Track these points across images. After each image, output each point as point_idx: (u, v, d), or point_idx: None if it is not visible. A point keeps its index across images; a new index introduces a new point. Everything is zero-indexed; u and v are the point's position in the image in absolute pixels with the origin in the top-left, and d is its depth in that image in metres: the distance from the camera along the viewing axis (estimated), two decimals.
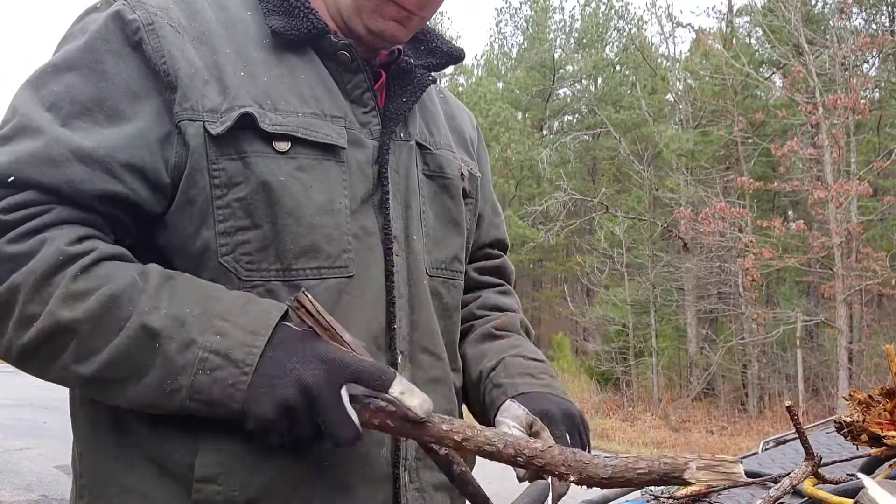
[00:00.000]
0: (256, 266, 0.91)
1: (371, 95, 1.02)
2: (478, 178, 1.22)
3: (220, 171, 0.90)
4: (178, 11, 0.95)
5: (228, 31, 0.97)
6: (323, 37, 0.98)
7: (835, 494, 1.05)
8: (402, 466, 0.97)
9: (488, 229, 1.31)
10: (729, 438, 14.13)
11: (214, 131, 0.89)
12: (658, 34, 29.03)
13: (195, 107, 0.90)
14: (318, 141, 0.94)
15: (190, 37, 0.93)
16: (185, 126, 0.89)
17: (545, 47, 26.94)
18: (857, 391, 1.17)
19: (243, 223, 0.91)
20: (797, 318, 14.71)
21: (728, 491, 1.24)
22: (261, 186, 0.91)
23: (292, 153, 0.93)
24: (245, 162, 0.91)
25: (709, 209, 14.56)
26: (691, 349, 17.92)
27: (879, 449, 1.14)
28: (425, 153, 1.10)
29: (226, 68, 0.93)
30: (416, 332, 1.03)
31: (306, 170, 0.94)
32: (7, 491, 6.34)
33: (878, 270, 12.84)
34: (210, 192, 0.90)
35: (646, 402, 17.60)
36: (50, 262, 0.81)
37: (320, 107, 0.97)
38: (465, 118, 1.29)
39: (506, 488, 5.07)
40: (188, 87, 0.90)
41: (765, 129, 17.26)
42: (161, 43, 0.90)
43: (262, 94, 0.93)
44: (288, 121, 0.93)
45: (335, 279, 0.94)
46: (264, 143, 0.91)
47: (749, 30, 20.66)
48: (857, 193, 13.28)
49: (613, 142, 20.32)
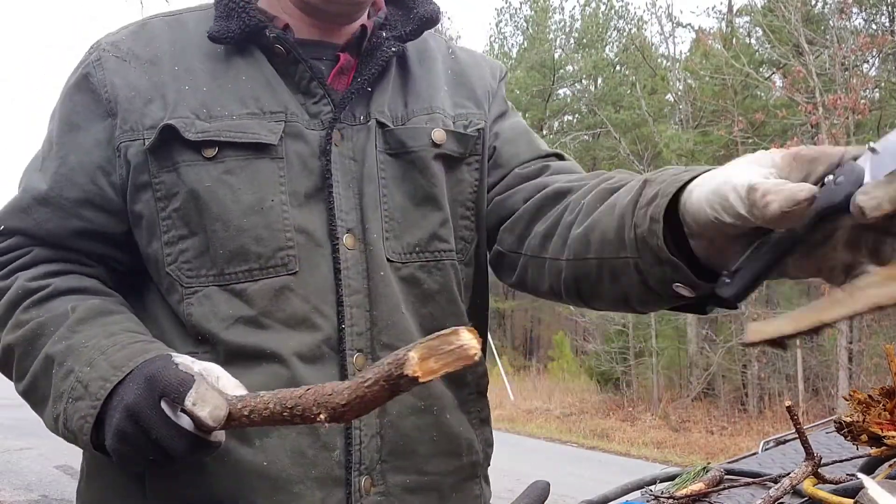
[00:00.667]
0: (195, 273, 0.94)
1: (317, 84, 0.98)
2: (477, 133, 1.08)
3: (161, 183, 0.94)
4: (132, 41, 1.00)
5: (180, 50, 0.99)
6: (261, 32, 0.97)
7: (835, 494, 1.05)
8: (357, 471, 0.94)
9: (521, 147, 1.11)
10: (729, 438, 14.13)
11: (145, 147, 0.94)
12: (658, 34, 29.02)
13: (134, 127, 0.95)
14: (245, 141, 0.94)
15: (140, 62, 0.98)
16: (125, 147, 0.95)
17: (545, 47, 26.95)
18: (857, 391, 1.16)
19: (182, 232, 0.94)
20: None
21: (728, 491, 1.24)
22: (190, 195, 0.93)
23: (219, 157, 0.93)
24: (178, 172, 0.93)
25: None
26: (691, 349, 17.92)
27: (879, 449, 1.14)
28: (386, 131, 1.02)
29: (170, 86, 0.96)
30: (376, 328, 0.97)
31: (234, 172, 0.93)
32: (7, 491, 6.35)
33: None
34: (154, 205, 0.95)
35: (646, 402, 17.60)
36: (12, 296, 0.93)
37: (259, 105, 0.96)
38: (481, 69, 1.16)
39: (506, 488, 5.06)
40: (127, 110, 0.95)
41: (765, 129, 17.26)
42: (105, 74, 0.97)
43: (200, 105, 0.95)
44: (213, 126, 0.94)
45: (270, 279, 0.93)
46: (192, 151, 0.93)
47: (749, 30, 20.67)
48: None
49: (613, 142, 20.33)
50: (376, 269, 0.98)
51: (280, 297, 0.93)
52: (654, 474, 1.41)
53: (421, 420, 0.99)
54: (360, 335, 0.96)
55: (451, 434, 1.02)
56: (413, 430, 0.98)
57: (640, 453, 12.72)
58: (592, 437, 14.49)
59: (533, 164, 1.09)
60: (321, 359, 0.94)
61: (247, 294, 0.92)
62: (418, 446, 0.99)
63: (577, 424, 15.79)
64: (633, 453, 12.71)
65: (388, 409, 0.96)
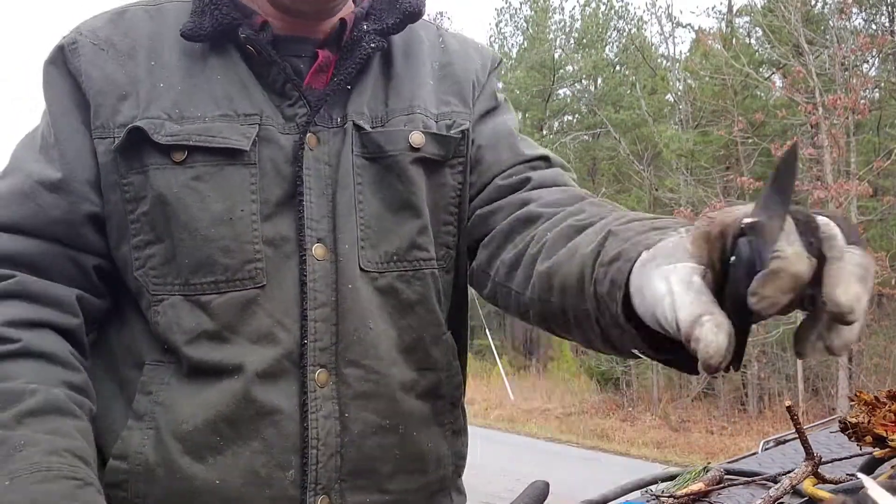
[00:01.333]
0: (162, 280, 0.90)
1: (292, 86, 0.93)
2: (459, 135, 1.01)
3: (129, 185, 0.91)
4: (110, 29, 0.95)
5: (157, 43, 0.94)
6: (235, 31, 0.92)
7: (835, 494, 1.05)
8: (313, 490, 0.89)
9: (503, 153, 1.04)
10: (729, 438, 14.14)
11: (113, 147, 0.90)
12: (658, 34, 29.02)
13: (105, 124, 0.91)
14: (215, 146, 0.89)
15: (118, 53, 0.93)
16: (97, 143, 0.91)
17: (545, 47, 26.95)
18: (862, 392, 1.17)
19: (149, 237, 0.91)
20: (797, 318, 14.68)
21: (728, 490, 1.24)
22: (158, 200, 0.89)
23: (189, 162, 0.89)
24: (146, 175, 0.90)
25: (709, 209, 14.56)
26: None
27: (883, 450, 1.14)
28: (362, 134, 0.96)
29: (143, 82, 0.92)
30: (342, 343, 0.92)
31: (204, 178, 0.89)
32: None
33: (878, 270, 12.84)
34: (123, 206, 0.91)
35: (646, 402, 17.61)
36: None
37: (233, 107, 0.92)
38: (468, 63, 1.08)
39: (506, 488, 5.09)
40: (99, 104, 0.91)
41: (765, 129, 17.26)
42: (80, 62, 0.93)
43: (172, 104, 0.91)
44: (184, 128, 0.89)
45: (237, 292, 0.89)
46: (161, 154, 0.89)
47: (749, 30, 20.68)
48: (857, 193, 13.29)
49: (613, 142, 20.33)
50: (346, 280, 0.92)
51: (245, 312, 0.89)
52: (654, 474, 1.41)
53: (385, 439, 0.94)
54: (324, 350, 0.91)
55: (418, 451, 0.98)
56: (375, 450, 0.94)
57: (640, 453, 12.73)
58: (592, 437, 14.49)
59: (515, 173, 1.02)
60: (281, 375, 0.90)
61: (211, 307, 0.88)
62: (380, 465, 0.94)
63: (577, 424, 15.80)
64: (633, 453, 12.72)
65: (350, 428, 0.92)
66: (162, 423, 0.89)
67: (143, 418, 0.90)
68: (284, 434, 0.89)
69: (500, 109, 1.10)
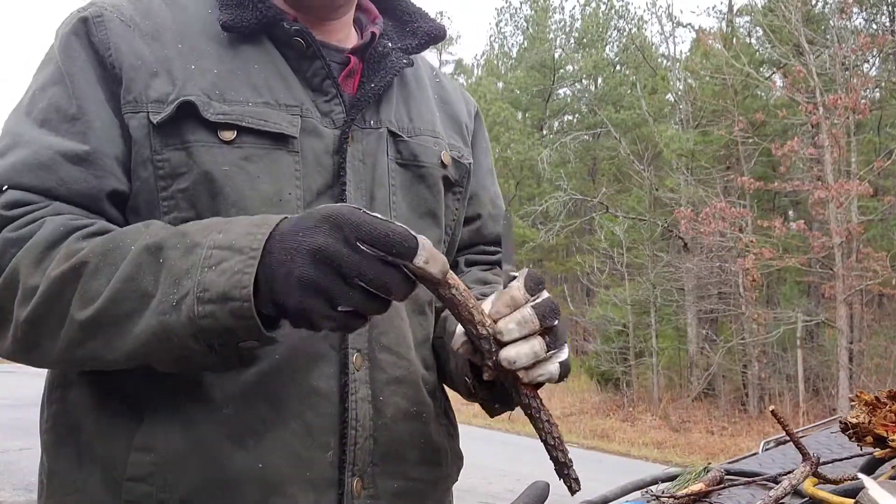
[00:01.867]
0: None
1: (332, 83, 0.98)
2: (467, 166, 1.15)
3: (165, 161, 0.89)
4: (132, 9, 0.95)
5: (183, 28, 0.95)
6: (276, 25, 0.95)
7: (835, 494, 1.05)
8: (350, 472, 0.92)
9: (488, 223, 1.22)
10: (729, 438, 14.14)
11: (155, 120, 0.88)
12: (658, 34, 29.06)
13: (138, 98, 0.89)
14: (267, 130, 0.91)
15: (142, 33, 0.93)
16: (128, 118, 0.89)
17: (545, 47, 26.96)
18: (863, 392, 1.17)
19: (188, 214, 0.89)
20: (797, 318, 14.72)
21: (728, 490, 1.24)
22: (203, 177, 0.88)
23: (238, 142, 0.90)
24: (188, 152, 0.89)
25: (709, 209, 14.57)
26: (691, 349, 17.93)
27: (884, 451, 1.14)
28: (398, 141, 1.04)
29: (175, 61, 0.92)
30: (376, 329, 0.96)
31: (253, 160, 0.90)
32: (7, 491, 6.35)
33: (878, 270, 12.84)
34: (154, 183, 0.89)
35: (646, 402, 17.61)
36: (51, 236, 0.81)
37: (273, 96, 0.94)
38: (461, 103, 1.22)
39: (506, 488, 5.06)
40: (132, 79, 0.89)
41: (765, 129, 17.26)
42: (108, 35, 0.91)
43: (211, 86, 0.91)
44: (233, 109, 0.90)
45: None
46: (208, 132, 0.89)
47: (749, 30, 20.68)
48: (857, 193, 13.30)
49: (613, 142, 20.33)
50: None
51: None
52: (654, 474, 1.40)
53: (412, 426, 0.99)
54: (360, 335, 0.95)
55: (435, 443, 1.03)
56: (405, 435, 0.98)
57: (640, 453, 12.73)
58: (592, 437, 14.49)
59: (480, 256, 1.22)
60: (322, 357, 0.92)
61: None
62: (408, 451, 0.98)
63: (577, 424, 15.80)
64: (633, 453, 12.72)
65: (383, 412, 0.95)
66: (195, 409, 0.87)
67: (172, 405, 0.87)
68: (324, 415, 0.91)
69: (486, 161, 1.25)
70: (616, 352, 18.37)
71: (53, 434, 0.95)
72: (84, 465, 0.90)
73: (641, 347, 18.29)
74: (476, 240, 1.22)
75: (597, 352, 18.89)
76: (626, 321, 18.15)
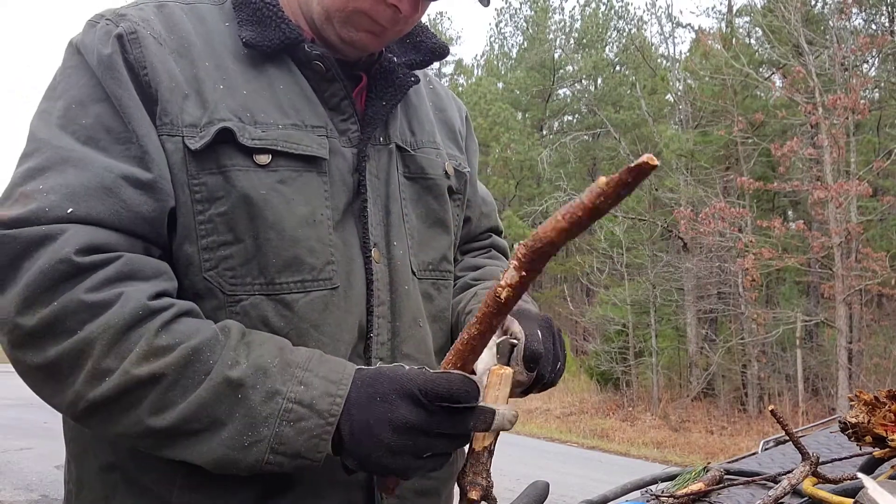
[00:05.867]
0: (240, 280, 0.90)
1: (349, 103, 1.00)
2: (466, 175, 1.20)
3: (201, 185, 0.89)
4: (158, 23, 0.94)
5: (206, 44, 0.95)
6: (297, 46, 0.96)
7: (835, 494, 1.05)
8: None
9: (481, 220, 1.32)
10: (729, 438, 14.14)
11: (194, 146, 0.89)
12: (658, 34, 29.03)
13: (174, 121, 0.89)
14: (300, 153, 0.93)
15: (170, 49, 0.92)
16: (164, 141, 0.89)
17: (545, 47, 26.96)
18: (862, 392, 1.17)
19: (226, 238, 0.90)
20: (797, 318, 14.72)
21: (728, 490, 1.24)
22: (242, 200, 0.89)
23: (273, 166, 0.91)
24: (226, 176, 0.89)
25: (709, 209, 14.57)
26: (691, 349, 17.93)
27: (883, 450, 1.14)
28: (405, 155, 1.08)
29: (205, 82, 0.92)
30: (397, 338, 1.01)
31: (287, 182, 0.92)
32: (7, 491, 6.34)
33: (877, 270, 12.84)
34: (192, 206, 0.89)
35: (646, 402, 17.61)
36: (130, 317, 0.79)
37: (300, 117, 0.95)
38: (454, 109, 1.26)
39: (506, 488, 5.05)
40: (168, 101, 0.89)
41: (765, 129, 17.26)
42: (144, 53, 0.90)
43: (241, 108, 0.92)
44: (268, 134, 0.92)
45: (319, 292, 0.93)
46: (244, 156, 0.90)
47: (749, 30, 20.67)
48: (856, 193, 13.29)
49: (613, 142, 20.33)
50: (401, 282, 1.02)
51: (326, 310, 0.93)
52: (654, 474, 1.41)
53: None
54: (383, 345, 0.99)
55: None
56: None
57: (640, 453, 12.73)
58: (592, 437, 14.49)
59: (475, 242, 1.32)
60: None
61: (298, 305, 0.91)
62: None
63: (577, 424, 15.80)
64: (633, 453, 12.72)
65: None
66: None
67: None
68: None
69: (475, 162, 1.28)
70: (616, 352, 18.37)
71: (80, 443, 0.97)
72: (118, 486, 0.92)
73: (641, 347, 18.29)
74: (468, 238, 1.30)
75: (596, 352, 18.89)
76: (626, 321, 18.14)
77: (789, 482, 1.08)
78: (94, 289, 0.79)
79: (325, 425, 0.77)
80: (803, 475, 1.10)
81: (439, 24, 32.10)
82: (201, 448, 0.79)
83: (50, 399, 0.83)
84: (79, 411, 0.80)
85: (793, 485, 1.08)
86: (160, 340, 0.79)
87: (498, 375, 0.83)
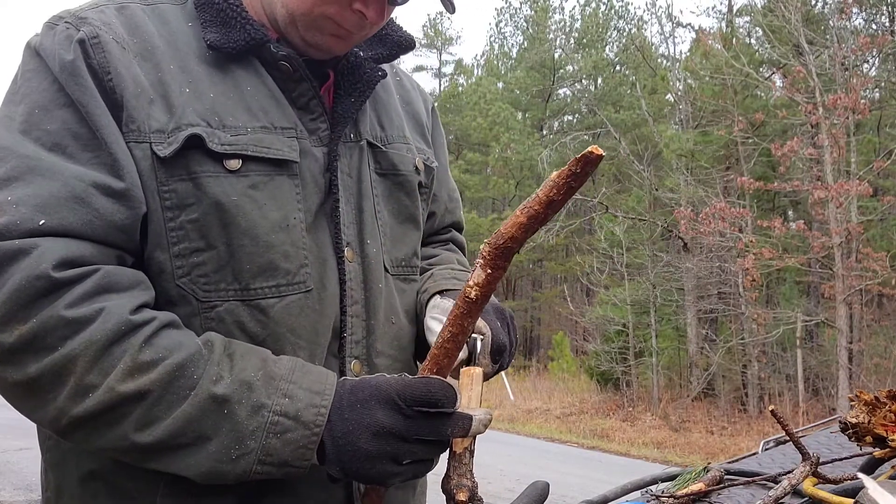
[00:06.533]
0: (214, 287, 0.90)
1: (318, 102, 0.99)
2: (434, 169, 1.19)
3: (171, 192, 0.88)
4: (120, 26, 0.92)
5: (170, 46, 0.93)
6: (263, 46, 0.95)
7: (835, 494, 1.05)
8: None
9: (444, 216, 1.31)
10: (729, 438, 14.13)
11: (162, 153, 0.87)
12: (658, 34, 29.02)
13: (141, 128, 0.87)
14: (270, 157, 0.92)
15: (133, 53, 0.90)
16: (132, 148, 0.87)
17: (545, 47, 26.95)
18: (863, 392, 1.17)
19: (198, 245, 0.89)
20: (797, 318, 14.71)
21: (728, 490, 1.24)
22: (213, 207, 0.88)
23: (244, 171, 0.90)
24: (196, 183, 0.88)
25: (709, 209, 14.56)
26: (691, 349, 17.92)
27: (884, 450, 1.14)
28: (377, 151, 1.07)
29: (170, 85, 0.90)
30: (372, 335, 1.01)
31: (259, 187, 0.91)
32: (7, 491, 6.34)
33: (878, 270, 12.83)
34: (162, 213, 0.88)
35: (646, 402, 17.59)
36: (112, 332, 0.79)
37: (269, 119, 0.94)
38: (420, 102, 1.25)
39: (506, 488, 5.09)
40: (134, 107, 0.87)
41: (765, 129, 17.26)
42: (107, 59, 0.88)
43: (209, 111, 0.90)
44: (238, 139, 0.90)
45: (294, 296, 0.93)
46: (214, 162, 0.89)
47: (749, 30, 20.67)
48: (857, 193, 13.29)
49: (613, 142, 20.32)
50: (375, 280, 1.02)
51: (301, 314, 0.93)
52: (654, 474, 1.41)
53: None
54: (358, 343, 0.99)
55: None
56: None
57: (640, 453, 12.72)
58: (592, 437, 14.48)
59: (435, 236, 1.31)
60: (325, 366, 0.94)
61: (274, 310, 0.91)
62: None
63: (577, 424, 15.79)
64: (633, 453, 12.71)
65: None
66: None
67: None
68: None
69: (443, 155, 1.28)
70: (616, 352, 18.35)
71: (58, 452, 0.96)
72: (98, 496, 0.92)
73: (641, 347, 18.27)
74: (430, 232, 1.29)
75: (597, 352, 18.87)
76: (626, 321, 18.13)
77: (789, 482, 1.08)
78: (73, 304, 0.78)
79: (311, 435, 0.80)
80: (803, 475, 1.10)
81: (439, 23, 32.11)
82: (188, 461, 0.80)
83: (31, 414, 0.83)
84: (62, 426, 0.80)
85: (793, 485, 1.08)
86: (144, 356, 0.79)
87: (469, 375, 0.85)
